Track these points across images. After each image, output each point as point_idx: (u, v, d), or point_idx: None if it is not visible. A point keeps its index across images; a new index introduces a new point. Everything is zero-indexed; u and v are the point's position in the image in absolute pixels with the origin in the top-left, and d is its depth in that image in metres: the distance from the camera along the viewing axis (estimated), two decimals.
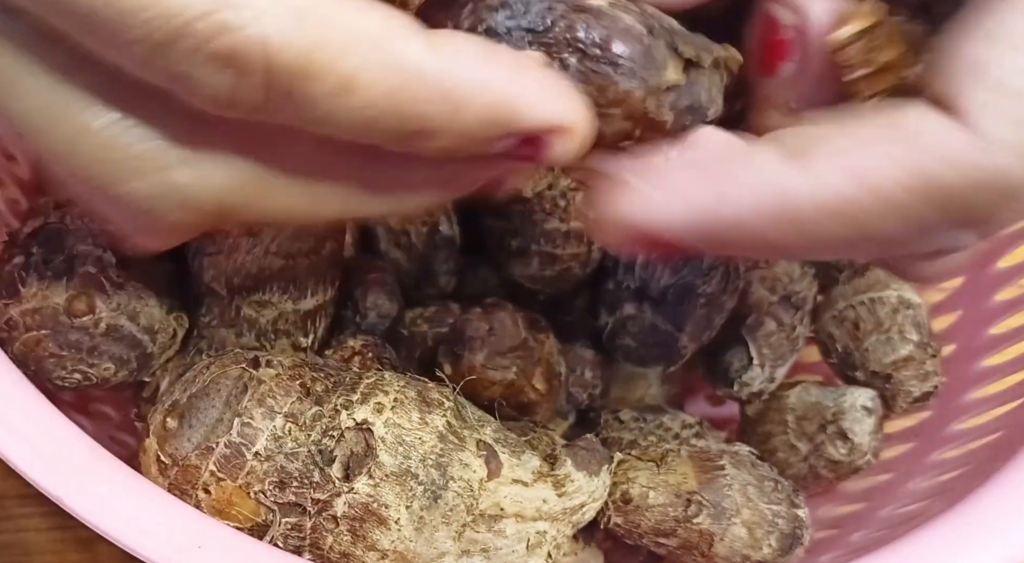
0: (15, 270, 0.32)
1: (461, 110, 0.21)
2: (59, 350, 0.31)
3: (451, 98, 0.20)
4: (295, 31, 0.19)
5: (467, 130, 0.21)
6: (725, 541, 0.33)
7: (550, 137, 0.22)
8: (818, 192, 0.22)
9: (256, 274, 0.32)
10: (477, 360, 0.33)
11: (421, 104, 0.20)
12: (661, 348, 0.38)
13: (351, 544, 0.28)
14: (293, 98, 0.20)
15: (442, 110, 0.21)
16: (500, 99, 0.21)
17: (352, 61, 0.20)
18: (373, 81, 0.20)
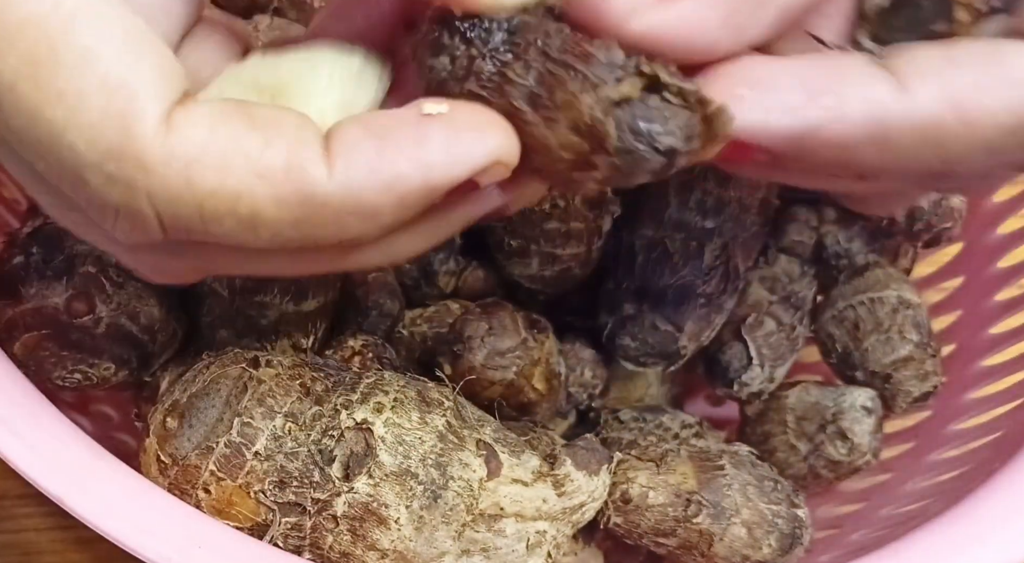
0: (15, 270, 0.32)
1: (377, 216, 0.20)
2: (59, 350, 0.31)
3: (363, 211, 0.20)
4: (184, 184, 0.19)
5: (389, 225, 0.21)
6: (725, 541, 0.33)
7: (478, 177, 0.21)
8: (915, 114, 0.21)
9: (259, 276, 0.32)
10: (477, 360, 0.33)
11: (335, 225, 0.20)
12: (661, 348, 0.38)
13: (351, 544, 0.28)
14: (195, 234, 0.20)
15: (359, 223, 0.20)
16: (410, 188, 0.20)
17: (249, 203, 0.20)
18: (277, 216, 0.20)
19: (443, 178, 0.20)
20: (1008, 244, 0.44)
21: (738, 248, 0.38)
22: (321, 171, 0.20)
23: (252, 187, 0.20)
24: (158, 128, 0.19)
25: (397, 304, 0.38)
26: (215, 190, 0.19)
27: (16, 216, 0.41)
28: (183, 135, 0.19)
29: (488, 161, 0.21)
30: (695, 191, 0.37)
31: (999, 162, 0.23)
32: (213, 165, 0.19)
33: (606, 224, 0.38)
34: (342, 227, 0.20)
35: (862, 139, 0.22)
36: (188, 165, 0.19)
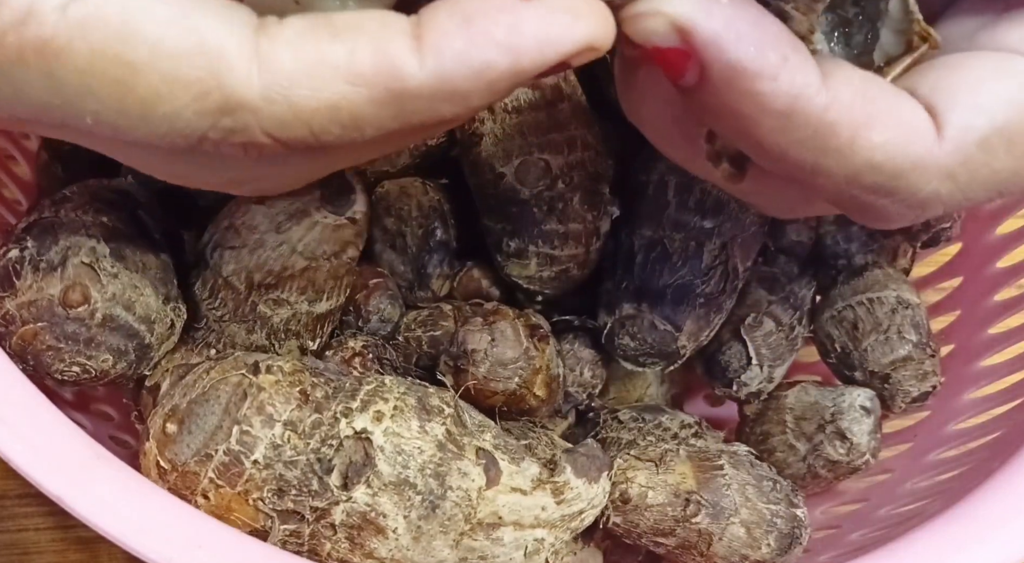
0: (9, 264, 0.32)
1: (468, 100, 0.21)
2: (56, 342, 0.31)
3: (454, 98, 0.21)
4: (289, 111, 0.21)
5: (482, 104, 0.21)
6: (724, 541, 0.33)
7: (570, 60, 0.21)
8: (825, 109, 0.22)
9: (279, 272, 0.32)
10: (479, 372, 0.33)
11: (429, 112, 0.21)
12: (660, 348, 0.38)
13: (349, 552, 0.28)
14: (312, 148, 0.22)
15: (452, 107, 0.21)
16: (500, 74, 0.20)
17: (348, 109, 0.21)
18: (377, 114, 0.21)
19: (533, 63, 0.20)
20: (1007, 244, 0.44)
21: (737, 248, 0.38)
22: (411, 64, 0.20)
23: (347, 95, 0.20)
24: (248, 69, 0.20)
25: (398, 310, 0.38)
26: (316, 108, 0.20)
27: (16, 216, 0.41)
28: (272, 67, 0.20)
29: (580, 46, 0.21)
30: (694, 191, 0.37)
31: (847, 193, 0.24)
32: (306, 86, 0.20)
33: (604, 225, 0.38)
34: (436, 112, 0.21)
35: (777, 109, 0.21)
36: (286, 93, 0.20)
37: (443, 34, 0.20)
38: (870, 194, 0.23)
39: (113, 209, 0.34)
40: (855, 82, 0.22)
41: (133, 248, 0.33)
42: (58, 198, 0.34)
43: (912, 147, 0.22)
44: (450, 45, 0.20)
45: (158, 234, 0.35)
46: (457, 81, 0.20)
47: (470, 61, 0.20)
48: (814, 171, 0.23)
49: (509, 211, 0.37)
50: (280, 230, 0.32)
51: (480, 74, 0.20)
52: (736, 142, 0.24)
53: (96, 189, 0.34)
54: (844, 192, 0.23)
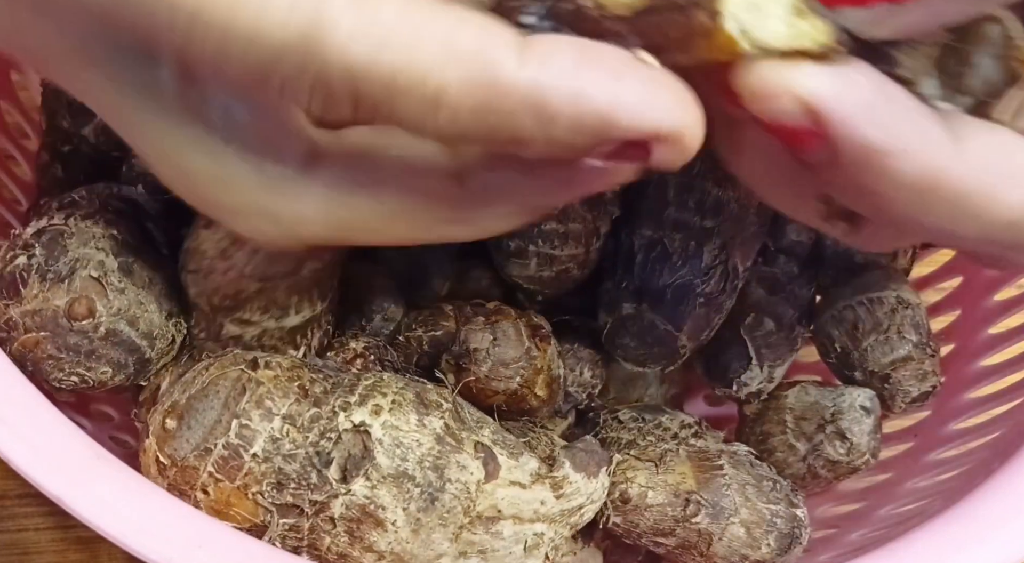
0: (16, 271, 0.32)
1: (551, 123, 0.20)
2: (57, 352, 0.31)
3: (541, 112, 0.20)
4: (377, 57, 0.20)
5: (559, 140, 0.21)
6: (724, 540, 0.33)
7: (654, 144, 0.21)
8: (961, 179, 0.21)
9: (234, 295, 0.32)
10: (481, 372, 0.33)
11: (509, 118, 0.20)
12: (660, 348, 0.38)
13: (348, 545, 0.28)
14: (383, 113, 0.21)
15: (532, 123, 0.20)
16: (592, 110, 0.20)
17: (436, 81, 0.20)
18: (459, 98, 0.20)
19: (627, 120, 0.20)
20: None
21: (737, 248, 0.38)
22: (511, 61, 0.20)
23: (442, 66, 0.20)
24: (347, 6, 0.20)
25: (400, 309, 0.38)
26: (405, 67, 0.20)
27: (16, 216, 0.41)
28: (374, 14, 0.20)
29: (674, 130, 0.20)
30: (694, 191, 0.37)
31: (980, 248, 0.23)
32: (403, 43, 0.20)
33: (604, 225, 0.38)
34: (516, 123, 0.20)
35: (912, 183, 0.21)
36: (379, 43, 0.20)
37: (554, 50, 0.20)
38: (1006, 250, 0.23)
39: (122, 220, 0.34)
40: (986, 142, 0.22)
41: (141, 263, 0.33)
42: (66, 202, 0.34)
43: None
44: (558, 61, 0.20)
45: (165, 249, 0.35)
46: (550, 95, 0.20)
47: (571, 82, 0.20)
48: (950, 235, 0.22)
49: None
50: (225, 256, 0.31)
51: (575, 100, 0.20)
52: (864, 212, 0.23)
53: (106, 197, 0.34)
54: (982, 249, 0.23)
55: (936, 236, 0.23)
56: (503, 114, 0.20)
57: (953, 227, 0.22)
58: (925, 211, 0.22)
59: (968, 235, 0.22)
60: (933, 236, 0.23)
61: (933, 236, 0.23)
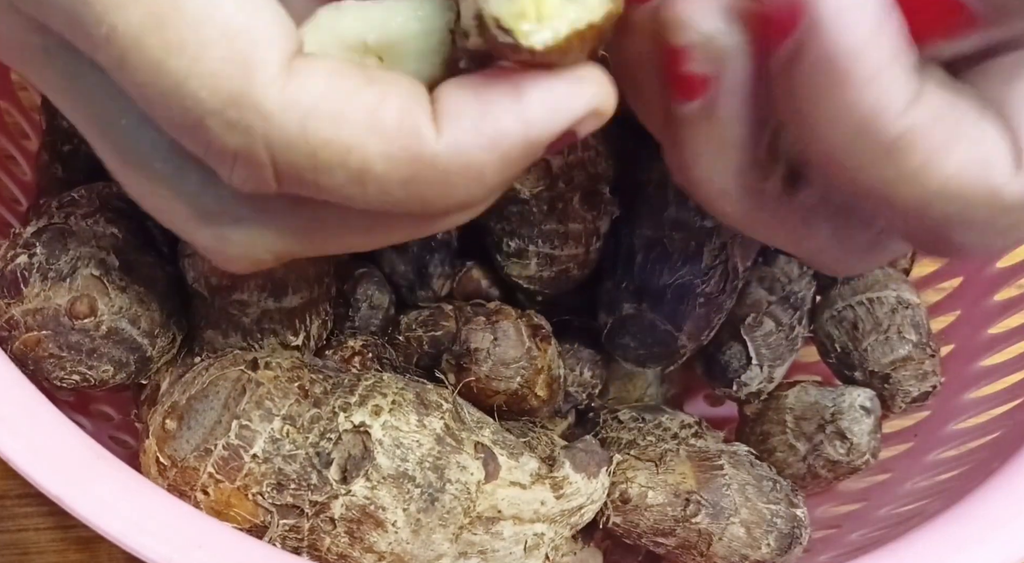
0: (18, 270, 0.32)
1: (482, 175, 0.21)
2: (59, 351, 0.31)
3: (469, 171, 0.21)
4: (300, 133, 0.20)
5: (497, 183, 0.21)
6: (724, 540, 0.33)
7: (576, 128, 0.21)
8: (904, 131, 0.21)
9: (231, 273, 0.32)
10: (481, 371, 0.33)
11: (441, 185, 0.21)
12: (660, 348, 0.38)
13: (348, 546, 0.28)
14: (308, 185, 0.21)
15: (465, 183, 0.21)
16: (513, 145, 0.21)
17: (360, 157, 0.20)
18: (386, 173, 0.20)
19: (543, 132, 0.21)
20: None
21: (737, 248, 0.38)
22: (431, 132, 0.20)
23: (364, 141, 0.20)
24: (277, 76, 0.20)
25: (387, 296, 0.38)
26: (329, 140, 0.20)
27: (16, 216, 0.41)
28: (301, 85, 0.20)
29: (587, 111, 0.21)
30: None
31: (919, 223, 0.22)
32: (329, 116, 0.20)
33: (604, 225, 0.38)
34: (449, 188, 0.21)
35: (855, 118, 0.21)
36: (305, 114, 0.20)
37: (456, 106, 0.21)
38: (943, 225, 0.22)
39: (123, 218, 0.34)
40: (940, 103, 0.21)
41: (142, 261, 0.33)
42: (66, 201, 0.34)
43: (989, 175, 0.21)
44: (466, 117, 0.20)
45: (165, 247, 0.35)
46: (473, 152, 0.20)
47: (484, 131, 0.20)
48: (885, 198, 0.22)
49: (509, 211, 0.37)
50: None
51: (494, 144, 0.20)
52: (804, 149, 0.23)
53: (106, 195, 0.34)
54: (913, 222, 0.22)
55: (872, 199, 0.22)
56: (434, 184, 0.21)
57: (889, 187, 0.21)
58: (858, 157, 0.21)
59: (905, 202, 0.21)
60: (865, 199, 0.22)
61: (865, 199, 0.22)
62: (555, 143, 0.21)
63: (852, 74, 0.20)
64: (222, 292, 0.32)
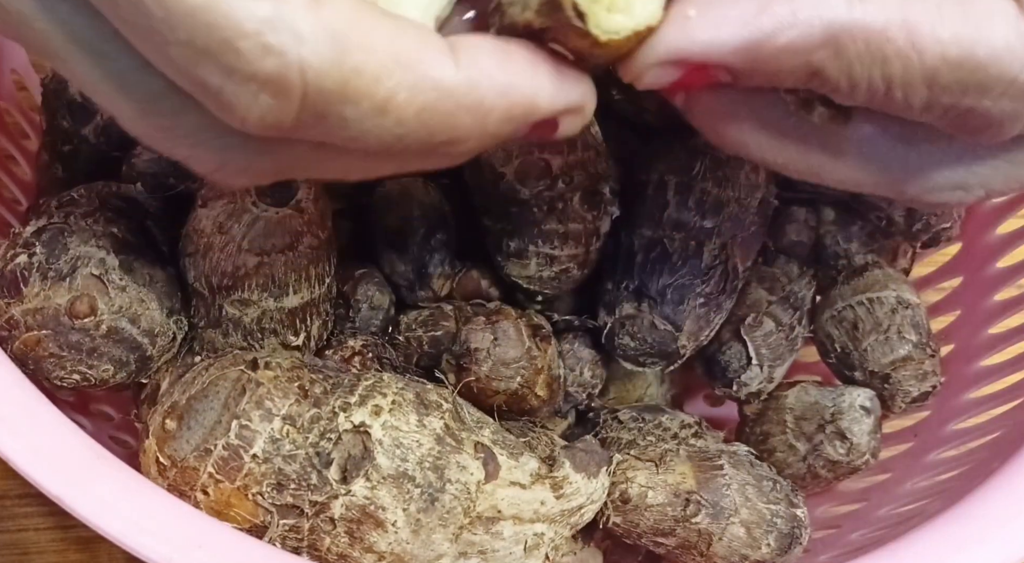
0: (17, 269, 0.32)
1: (486, 117, 0.22)
2: (59, 350, 0.31)
3: (478, 109, 0.22)
4: (334, 58, 0.20)
5: (492, 132, 0.22)
6: (724, 540, 0.33)
7: (562, 118, 0.23)
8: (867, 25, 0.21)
9: (232, 272, 0.32)
10: (482, 371, 0.33)
11: (450, 118, 0.22)
12: (660, 348, 0.38)
13: (348, 546, 0.28)
14: (326, 119, 0.21)
15: (470, 121, 0.22)
16: (521, 100, 0.22)
17: (387, 85, 0.21)
18: (406, 102, 0.21)
19: (547, 102, 0.22)
20: (1007, 244, 0.44)
21: (737, 248, 0.38)
22: (449, 64, 0.21)
23: (391, 70, 0.21)
24: (309, 3, 0.20)
25: (387, 296, 0.38)
26: (360, 68, 0.20)
27: (16, 216, 0.41)
28: (333, 12, 0.20)
29: (580, 102, 0.23)
30: (694, 191, 0.37)
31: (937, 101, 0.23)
32: (360, 43, 0.20)
33: (604, 225, 0.38)
34: (454, 122, 0.22)
35: (817, 44, 0.22)
36: (339, 40, 0.20)
37: (481, 53, 0.22)
38: (961, 95, 0.22)
39: (122, 218, 0.34)
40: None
41: (142, 261, 0.33)
42: (65, 200, 0.34)
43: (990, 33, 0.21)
44: (486, 63, 0.22)
45: (165, 246, 0.35)
46: (484, 92, 0.22)
47: (500, 78, 0.22)
48: (889, 85, 0.22)
49: (509, 211, 0.37)
50: (223, 230, 0.31)
51: (505, 93, 0.22)
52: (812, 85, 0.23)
53: (105, 195, 0.34)
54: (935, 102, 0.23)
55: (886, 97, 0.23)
56: (444, 115, 0.21)
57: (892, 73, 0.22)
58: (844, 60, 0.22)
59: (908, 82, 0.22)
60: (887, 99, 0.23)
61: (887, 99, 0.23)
62: (540, 125, 0.23)
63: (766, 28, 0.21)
64: (223, 291, 0.32)
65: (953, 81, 0.22)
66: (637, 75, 0.23)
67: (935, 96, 0.23)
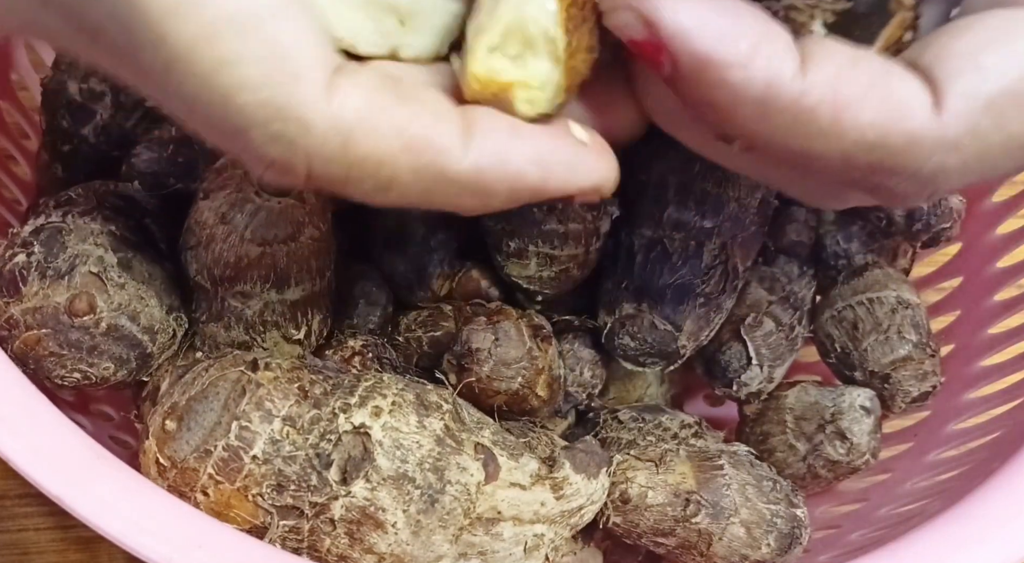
0: (16, 269, 0.32)
1: (490, 199, 0.23)
2: (59, 349, 0.31)
3: (482, 193, 0.22)
4: (339, 148, 0.21)
5: (497, 208, 0.23)
6: (724, 540, 0.33)
7: (576, 197, 0.24)
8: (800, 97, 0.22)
9: (235, 263, 0.32)
10: (483, 372, 0.33)
11: (454, 198, 0.22)
12: (660, 348, 0.38)
13: (348, 547, 0.28)
14: (333, 188, 0.22)
15: (474, 201, 0.23)
16: (527, 187, 0.22)
17: (389, 171, 0.22)
18: (409, 183, 0.22)
19: (556, 187, 0.23)
20: (1007, 244, 0.44)
21: (737, 248, 0.38)
22: (457, 149, 0.22)
23: (396, 157, 0.21)
24: (321, 93, 0.21)
25: (384, 293, 0.38)
26: (366, 156, 0.21)
27: (16, 216, 0.41)
28: (343, 102, 0.21)
29: (595, 185, 0.23)
30: (694, 191, 0.37)
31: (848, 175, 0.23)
32: (367, 133, 0.21)
33: (604, 226, 0.38)
34: (458, 199, 0.22)
35: (751, 98, 0.22)
36: (347, 131, 0.21)
37: (492, 134, 0.22)
38: (872, 174, 0.23)
39: (120, 216, 0.34)
40: (838, 62, 0.22)
41: (140, 258, 0.33)
42: (63, 200, 0.34)
43: (905, 122, 0.22)
44: (495, 146, 0.22)
45: (163, 243, 0.35)
46: (489, 179, 0.22)
47: (508, 165, 0.22)
48: (806, 155, 0.23)
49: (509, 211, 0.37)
50: (225, 220, 0.32)
51: (511, 179, 0.22)
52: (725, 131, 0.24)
53: (103, 193, 0.34)
54: (846, 175, 0.23)
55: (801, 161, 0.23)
56: (447, 195, 0.22)
57: (805, 146, 0.22)
58: (772, 127, 0.22)
59: (825, 156, 0.23)
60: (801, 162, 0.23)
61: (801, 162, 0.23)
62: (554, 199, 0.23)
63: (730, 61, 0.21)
64: (225, 283, 0.33)
65: (866, 162, 0.23)
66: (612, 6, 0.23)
67: (847, 171, 0.23)
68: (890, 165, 0.23)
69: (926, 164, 0.23)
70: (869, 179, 0.23)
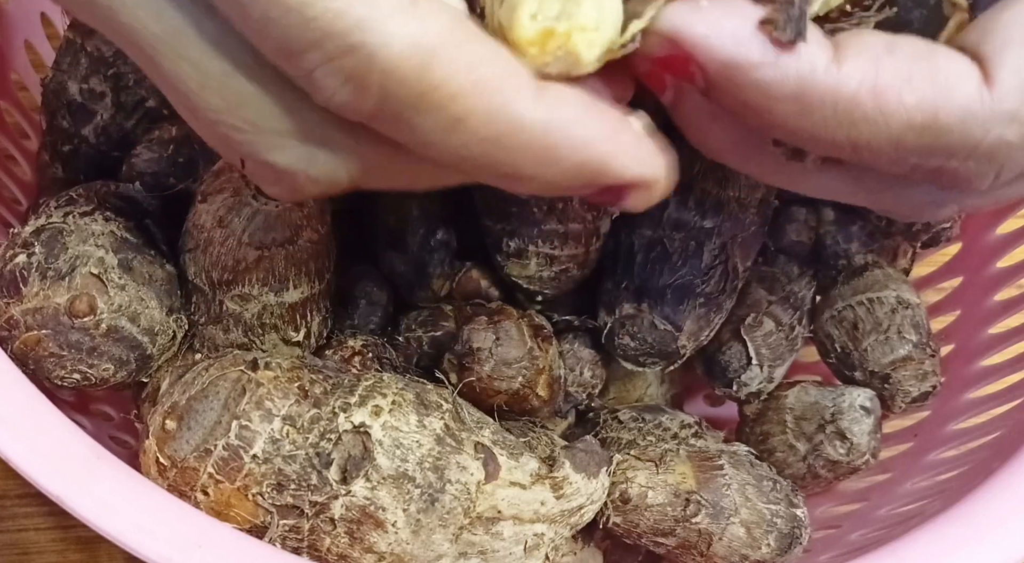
0: (16, 269, 0.32)
1: (554, 164, 0.22)
2: (59, 350, 0.31)
3: (548, 153, 0.22)
4: (418, 68, 0.20)
5: (555, 181, 0.22)
6: (724, 540, 0.33)
7: (631, 190, 0.23)
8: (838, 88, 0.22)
9: (233, 266, 0.32)
10: (484, 371, 0.33)
11: (517, 154, 0.22)
12: (660, 348, 0.38)
13: (348, 546, 0.28)
14: (400, 121, 0.21)
15: (536, 162, 0.22)
16: (593, 158, 0.22)
17: (462, 106, 0.21)
18: (478, 126, 0.21)
19: (619, 169, 0.22)
20: (1007, 244, 0.44)
21: (737, 248, 0.38)
22: (529, 99, 0.21)
23: (470, 93, 0.21)
24: (405, 7, 0.20)
25: (385, 293, 0.38)
26: (440, 84, 0.21)
27: (16, 216, 0.41)
28: (425, 25, 0.20)
29: (653, 177, 0.23)
30: (694, 191, 0.37)
31: (904, 161, 0.23)
32: (446, 61, 0.21)
33: (604, 225, 0.38)
34: (515, 161, 0.22)
35: (786, 94, 0.22)
36: (427, 53, 0.20)
37: (568, 101, 0.22)
38: (929, 157, 0.23)
39: (121, 217, 0.34)
40: (874, 48, 0.22)
41: (141, 259, 0.33)
42: (63, 200, 0.34)
43: (955, 99, 0.22)
44: (569, 112, 0.21)
45: (164, 245, 0.35)
46: (557, 138, 0.21)
47: (577, 129, 0.22)
48: (855, 147, 0.23)
49: (509, 211, 0.37)
50: (223, 224, 0.31)
51: (579, 147, 0.22)
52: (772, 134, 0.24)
53: (104, 194, 0.34)
54: (902, 162, 0.23)
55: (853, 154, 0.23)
56: (512, 149, 0.21)
57: (852, 136, 0.22)
58: (814, 122, 0.22)
59: (875, 144, 0.22)
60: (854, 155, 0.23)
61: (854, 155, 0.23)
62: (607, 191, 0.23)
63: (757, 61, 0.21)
64: (223, 286, 0.33)
65: (919, 145, 0.22)
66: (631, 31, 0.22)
67: (902, 157, 0.23)
68: (944, 144, 0.22)
69: (984, 140, 0.22)
70: (927, 163, 0.23)
